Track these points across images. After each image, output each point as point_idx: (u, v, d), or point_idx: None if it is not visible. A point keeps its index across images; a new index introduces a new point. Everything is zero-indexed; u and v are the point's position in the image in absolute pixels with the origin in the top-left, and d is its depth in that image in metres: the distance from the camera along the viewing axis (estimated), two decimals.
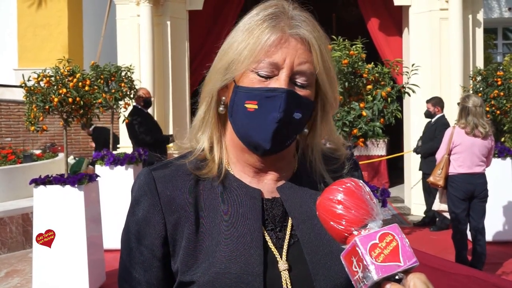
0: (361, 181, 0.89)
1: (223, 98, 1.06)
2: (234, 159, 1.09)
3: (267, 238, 1.05)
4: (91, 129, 9.98)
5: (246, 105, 1.00)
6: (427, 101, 7.43)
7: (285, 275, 1.02)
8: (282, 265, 1.02)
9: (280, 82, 0.99)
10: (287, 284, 1.01)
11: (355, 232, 0.83)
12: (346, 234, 0.84)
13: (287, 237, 1.06)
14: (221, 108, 1.07)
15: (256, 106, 1.00)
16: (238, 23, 1.06)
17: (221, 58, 1.04)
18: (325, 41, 1.05)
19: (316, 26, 1.05)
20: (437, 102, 7.35)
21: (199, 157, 1.10)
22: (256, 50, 0.99)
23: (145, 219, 1.06)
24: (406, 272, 0.80)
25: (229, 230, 1.03)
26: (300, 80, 1.01)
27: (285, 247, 1.05)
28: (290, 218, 1.07)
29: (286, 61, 0.99)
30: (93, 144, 10.10)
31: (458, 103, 5.52)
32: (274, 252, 1.04)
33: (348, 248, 0.83)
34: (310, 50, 1.02)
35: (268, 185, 1.09)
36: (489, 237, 6.15)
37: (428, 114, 7.40)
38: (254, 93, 1.00)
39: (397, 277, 0.79)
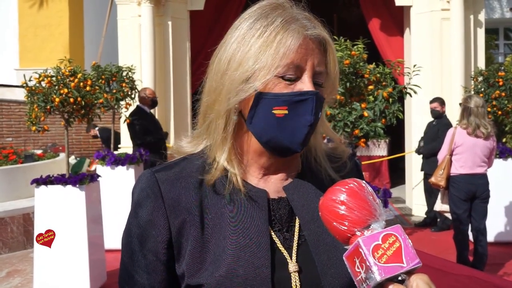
0: (364, 181, 0.88)
1: (236, 106, 1.03)
2: (244, 162, 1.08)
3: (275, 239, 1.03)
4: (96, 129, 9.94)
5: (274, 111, 0.99)
6: (432, 102, 7.39)
7: (295, 277, 1.01)
8: (293, 266, 1.01)
9: (306, 84, 0.99)
10: (296, 285, 1.00)
11: (358, 233, 0.83)
12: (349, 235, 0.84)
13: (295, 237, 1.04)
14: (235, 117, 1.04)
15: (286, 111, 0.99)
16: (237, 28, 1.04)
17: (237, 68, 1.01)
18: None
19: (320, 22, 1.06)
20: (443, 102, 7.34)
21: (203, 159, 1.08)
22: (281, 56, 0.98)
23: (148, 222, 1.04)
24: (409, 273, 0.80)
25: (236, 232, 1.01)
26: (318, 80, 1.02)
27: (294, 248, 1.03)
28: (297, 217, 1.06)
29: (308, 63, 1.00)
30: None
31: (460, 104, 5.51)
32: (284, 254, 1.02)
33: (351, 248, 0.82)
34: (323, 50, 1.03)
35: (274, 185, 1.08)
36: (490, 237, 6.14)
37: (437, 114, 7.34)
38: (283, 98, 0.99)
39: (400, 278, 0.79)
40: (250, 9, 1.06)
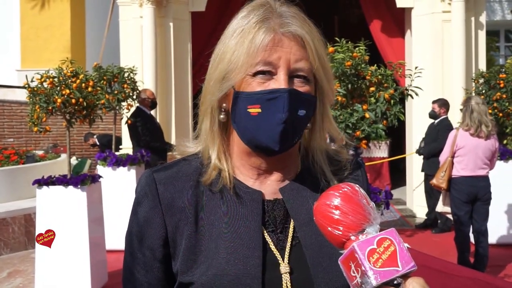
0: (357, 185, 0.88)
1: (224, 105, 1.06)
2: (238, 163, 1.09)
3: (268, 239, 1.04)
4: (95, 137, 9.89)
5: (249, 110, 1.00)
6: (433, 102, 7.40)
7: (286, 278, 1.01)
8: (284, 267, 1.02)
9: (279, 82, 0.99)
10: (287, 286, 1.01)
11: (353, 238, 0.83)
12: (344, 240, 0.84)
13: (289, 239, 1.05)
14: (222, 116, 1.06)
15: (259, 110, 0.99)
16: (228, 26, 1.06)
17: (216, 68, 1.04)
18: (316, 34, 1.05)
19: (305, 20, 1.04)
20: (443, 104, 7.33)
21: (201, 160, 1.10)
22: (251, 54, 0.99)
23: (145, 220, 1.07)
24: (405, 276, 0.80)
25: (229, 232, 1.03)
26: (299, 77, 1.01)
27: (287, 249, 1.04)
28: (292, 219, 1.07)
29: (282, 60, 0.99)
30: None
31: (461, 109, 5.51)
32: (276, 254, 1.03)
33: (346, 253, 0.83)
34: (304, 46, 1.01)
35: (270, 186, 1.09)
36: (491, 239, 6.13)
37: (432, 115, 7.37)
38: (256, 97, 0.99)
39: (395, 281, 0.79)
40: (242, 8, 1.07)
